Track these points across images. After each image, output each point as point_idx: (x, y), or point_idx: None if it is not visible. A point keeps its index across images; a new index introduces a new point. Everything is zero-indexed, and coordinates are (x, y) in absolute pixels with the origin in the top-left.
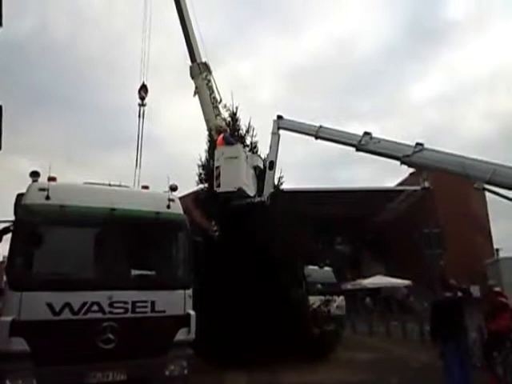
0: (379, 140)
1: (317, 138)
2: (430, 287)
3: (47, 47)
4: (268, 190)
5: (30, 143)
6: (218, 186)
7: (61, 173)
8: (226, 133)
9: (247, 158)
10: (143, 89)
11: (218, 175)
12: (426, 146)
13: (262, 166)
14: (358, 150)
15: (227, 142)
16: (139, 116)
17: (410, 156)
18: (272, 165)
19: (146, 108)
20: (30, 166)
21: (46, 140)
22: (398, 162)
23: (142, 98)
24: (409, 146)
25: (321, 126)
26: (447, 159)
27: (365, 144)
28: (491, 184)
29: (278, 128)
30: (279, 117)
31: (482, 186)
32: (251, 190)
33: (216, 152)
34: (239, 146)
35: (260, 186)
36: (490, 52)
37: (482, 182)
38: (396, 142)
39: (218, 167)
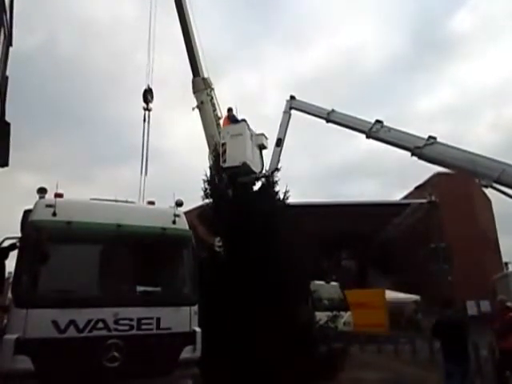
0: (389, 129)
1: (328, 121)
2: (438, 303)
3: (54, 62)
4: (273, 165)
5: (37, 158)
6: (224, 161)
7: (67, 188)
8: (231, 112)
9: (252, 136)
10: (149, 93)
11: (224, 152)
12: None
13: (267, 144)
14: (368, 137)
15: (232, 121)
16: (144, 120)
17: (421, 148)
18: (279, 142)
19: (151, 114)
20: (36, 182)
21: (52, 155)
22: (402, 176)
23: (147, 102)
24: (421, 138)
25: (333, 110)
26: (458, 155)
27: (376, 131)
28: (499, 183)
29: (290, 108)
30: (292, 97)
31: (489, 184)
32: (256, 167)
33: (222, 131)
34: (244, 123)
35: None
36: (497, 64)
37: (490, 180)
38: (407, 133)
39: (223, 144)
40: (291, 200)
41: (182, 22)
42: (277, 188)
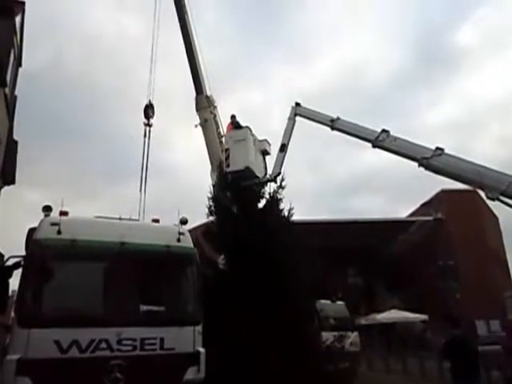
0: (396, 138)
1: (333, 128)
2: (447, 322)
3: (60, 79)
4: (276, 170)
5: (42, 175)
6: (228, 166)
7: (73, 204)
8: (235, 118)
9: (255, 141)
10: (150, 109)
11: (228, 157)
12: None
13: (270, 150)
14: (374, 146)
15: (236, 126)
16: (144, 135)
17: (428, 159)
18: (283, 147)
19: (152, 129)
20: (41, 198)
21: (57, 171)
22: (408, 190)
23: (148, 117)
24: (427, 148)
25: (338, 118)
26: (465, 166)
27: (382, 140)
28: (506, 196)
29: (295, 115)
30: (297, 104)
31: (496, 197)
32: (260, 172)
33: (225, 137)
34: (247, 129)
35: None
36: (503, 76)
37: (497, 193)
38: (414, 143)
39: (227, 149)
40: (296, 217)
41: (186, 40)
42: (281, 206)
